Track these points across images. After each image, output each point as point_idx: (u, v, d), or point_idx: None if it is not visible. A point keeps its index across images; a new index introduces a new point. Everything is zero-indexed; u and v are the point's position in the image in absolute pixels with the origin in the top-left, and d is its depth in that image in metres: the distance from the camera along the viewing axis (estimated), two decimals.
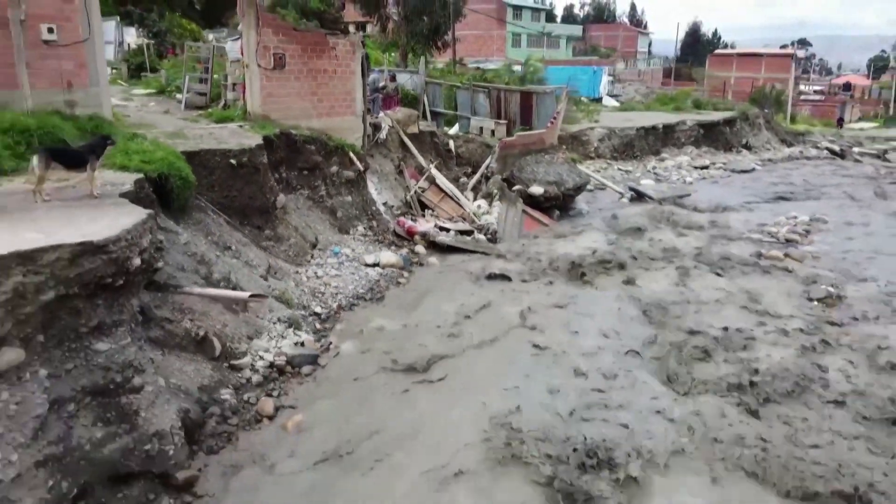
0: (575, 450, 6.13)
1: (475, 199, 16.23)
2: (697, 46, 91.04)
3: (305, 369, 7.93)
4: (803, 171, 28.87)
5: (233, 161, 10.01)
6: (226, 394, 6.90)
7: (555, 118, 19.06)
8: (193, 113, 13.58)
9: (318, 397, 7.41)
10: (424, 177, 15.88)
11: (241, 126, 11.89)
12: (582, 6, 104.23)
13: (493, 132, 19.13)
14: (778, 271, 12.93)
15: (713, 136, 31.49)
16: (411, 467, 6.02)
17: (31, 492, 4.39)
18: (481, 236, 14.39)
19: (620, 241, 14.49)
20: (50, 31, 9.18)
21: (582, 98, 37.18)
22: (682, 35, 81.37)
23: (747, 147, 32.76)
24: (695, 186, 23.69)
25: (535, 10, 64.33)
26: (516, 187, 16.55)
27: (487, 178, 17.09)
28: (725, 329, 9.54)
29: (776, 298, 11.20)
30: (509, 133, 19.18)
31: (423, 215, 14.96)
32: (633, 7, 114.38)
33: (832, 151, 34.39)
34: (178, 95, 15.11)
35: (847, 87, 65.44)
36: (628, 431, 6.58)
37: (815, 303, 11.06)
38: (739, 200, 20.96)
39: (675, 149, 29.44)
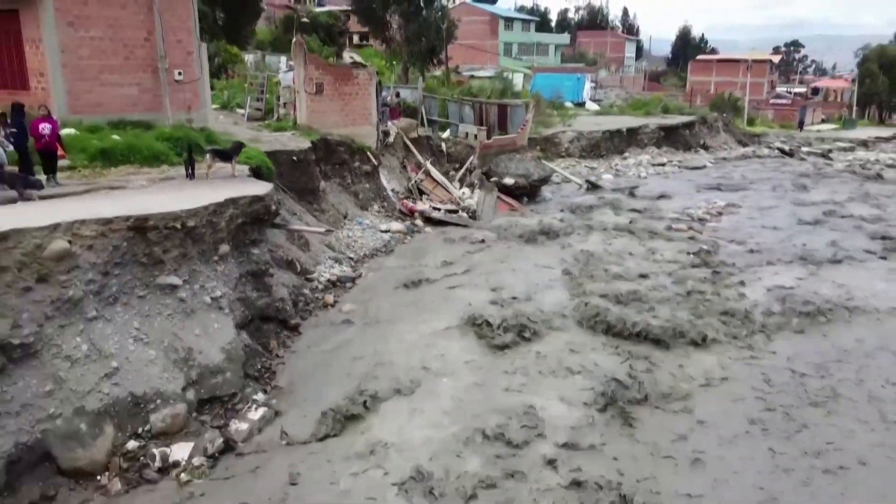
0: (504, 320, 11.14)
1: (461, 187, 21.23)
2: (687, 50, 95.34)
3: (348, 284, 13.02)
4: (748, 167, 33.17)
5: (294, 157, 15.03)
6: (306, 291, 11.95)
7: (524, 125, 24.03)
8: (254, 124, 18.58)
9: (357, 297, 12.49)
10: (422, 170, 20.89)
11: (293, 134, 16.92)
12: (576, 11, 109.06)
13: (475, 136, 23.94)
14: (679, 238, 17.94)
15: (674, 137, 35.77)
16: (420, 324, 11.02)
17: (236, 311, 9.38)
18: (464, 214, 19.38)
19: (569, 219, 19.53)
20: (179, 73, 14.22)
21: (565, 103, 41.98)
22: (669, 38, 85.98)
23: (704, 147, 37.19)
24: (647, 180, 28.47)
25: (525, 21, 69.34)
26: (493, 179, 21.54)
27: (471, 172, 22.08)
28: (622, 266, 14.56)
29: (668, 253, 16.22)
30: (489, 136, 23.91)
31: (421, 199, 19.97)
32: (625, 12, 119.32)
33: (782, 151, 38.65)
34: (240, 110, 20.10)
35: (816, 91, 70.28)
36: (539, 312, 11.59)
37: (692, 255, 16.07)
38: (679, 191, 25.77)
39: (638, 149, 33.68)
